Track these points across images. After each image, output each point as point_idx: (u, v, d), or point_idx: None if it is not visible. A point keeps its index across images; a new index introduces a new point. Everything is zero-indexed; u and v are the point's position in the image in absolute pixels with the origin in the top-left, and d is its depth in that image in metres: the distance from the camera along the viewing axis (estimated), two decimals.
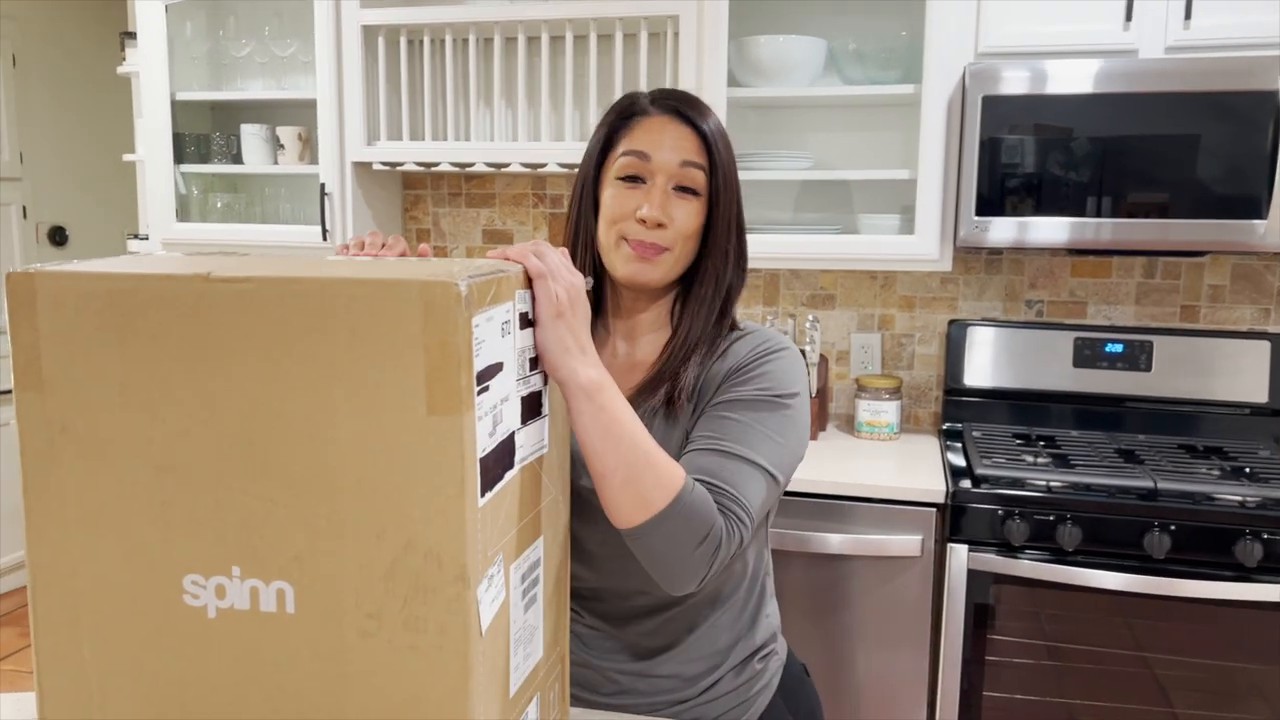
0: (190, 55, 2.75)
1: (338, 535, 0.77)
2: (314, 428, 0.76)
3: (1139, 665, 1.96)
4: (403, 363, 0.74)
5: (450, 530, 0.76)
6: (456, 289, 0.74)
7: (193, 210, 2.80)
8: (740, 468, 1.02)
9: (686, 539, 0.94)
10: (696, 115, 1.13)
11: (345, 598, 0.78)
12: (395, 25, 2.53)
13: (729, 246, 1.15)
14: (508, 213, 2.84)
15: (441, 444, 0.75)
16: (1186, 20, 2.08)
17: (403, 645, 0.78)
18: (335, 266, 0.80)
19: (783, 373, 1.10)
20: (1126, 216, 2.07)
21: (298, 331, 0.75)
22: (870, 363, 2.64)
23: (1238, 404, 2.34)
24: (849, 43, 2.36)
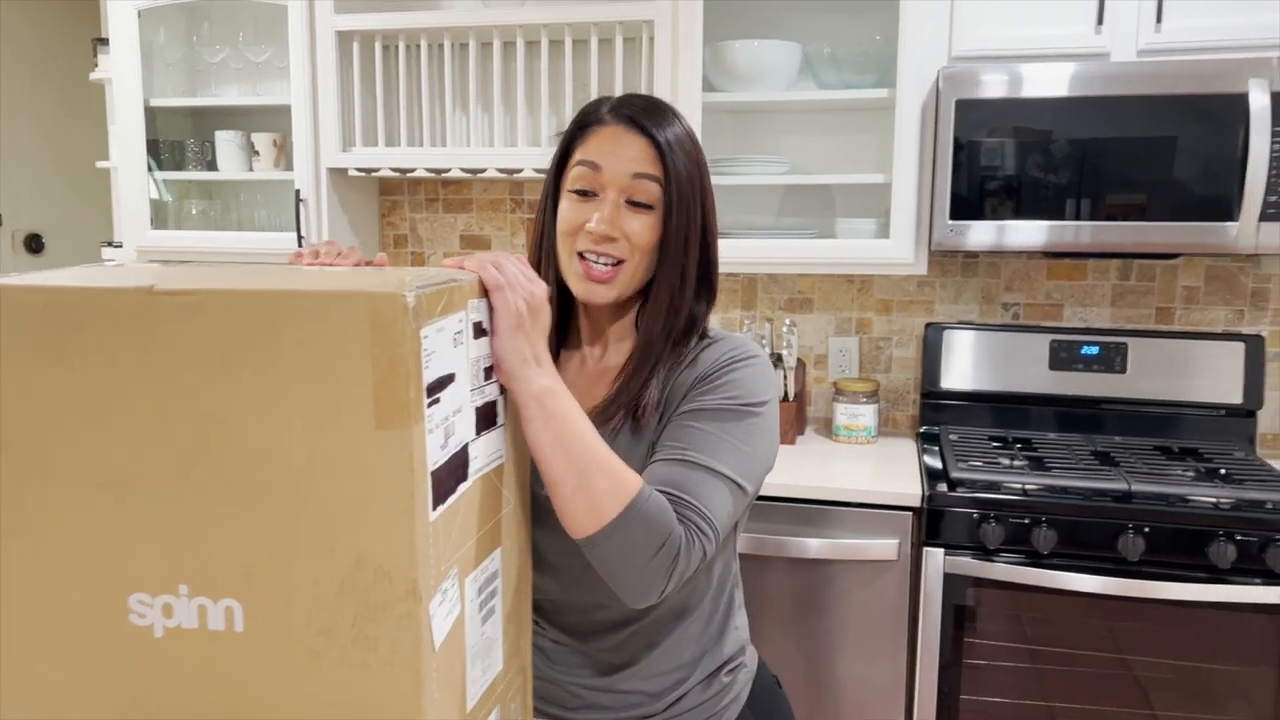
0: (164, 61, 2.73)
1: (289, 552, 0.76)
2: (265, 442, 0.75)
3: (1118, 667, 1.96)
4: (351, 376, 0.73)
5: (400, 546, 0.75)
6: (404, 300, 0.73)
7: (168, 217, 2.78)
8: (704, 478, 1.00)
9: (642, 548, 0.93)
10: (653, 124, 1.09)
11: (296, 616, 0.77)
12: (370, 31, 2.52)
13: (685, 260, 1.11)
14: (485, 218, 2.83)
15: (390, 458, 0.74)
16: (1157, 24, 2.09)
17: (354, 663, 0.77)
18: (284, 278, 0.79)
19: (750, 380, 1.09)
20: (1100, 219, 2.08)
21: (246, 344, 0.74)
22: (848, 366, 2.64)
23: (1213, 405, 2.34)
24: (824, 47, 2.36)
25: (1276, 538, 1.85)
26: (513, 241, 2.81)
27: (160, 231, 2.71)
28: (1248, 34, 2.05)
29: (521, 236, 2.80)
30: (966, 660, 2.03)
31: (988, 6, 2.16)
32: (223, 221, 2.85)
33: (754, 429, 1.06)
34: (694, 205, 1.11)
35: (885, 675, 2.11)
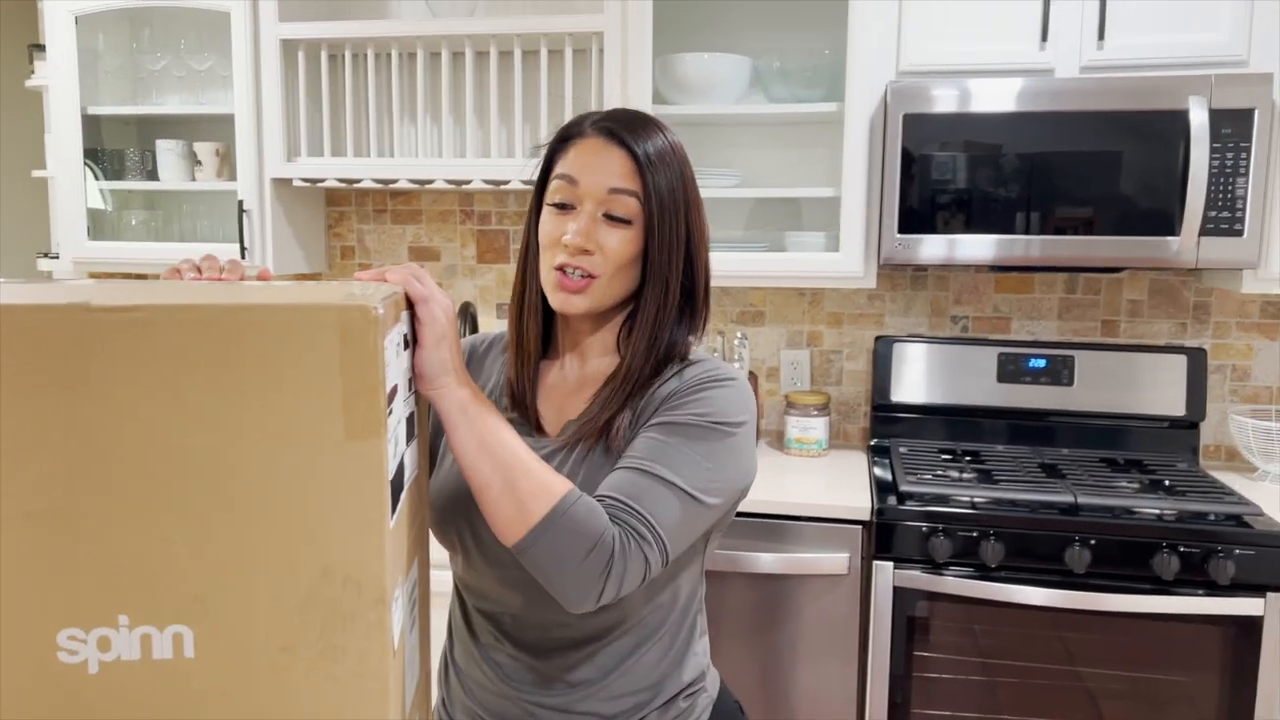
0: (103, 68, 2.67)
1: (246, 569, 0.75)
2: (218, 460, 0.74)
3: (1068, 678, 1.97)
4: (318, 388, 0.73)
5: (370, 554, 0.76)
6: (374, 312, 0.74)
7: (106, 228, 2.71)
8: (652, 485, 0.99)
9: (572, 549, 0.92)
10: (633, 137, 1.08)
11: (255, 634, 0.76)
12: (315, 40, 2.49)
13: (669, 275, 1.10)
14: (435, 229, 2.79)
15: (361, 468, 0.75)
16: (1100, 41, 2.12)
17: (320, 676, 0.76)
18: (237, 293, 0.77)
19: (723, 400, 1.07)
20: (1047, 233, 2.10)
21: (198, 361, 0.72)
22: (800, 379, 2.64)
23: (1157, 417, 2.38)
24: (774, 61, 2.36)
25: (1218, 549, 1.87)
26: (463, 253, 2.78)
27: (98, 243, 2.64)
28: (1188, 52, 2.09)
29: (472, 248, 2.77)
30: (917, 673, 2.03)
31: (935, 22, 2.18)
32: (164, 233, 2.78)
33: (721, 447, 1.05)
34: (675, 220, 1.09)
35: (837, 689, 2.10)
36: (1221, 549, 1.87)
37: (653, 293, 1.10)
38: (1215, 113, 2.01)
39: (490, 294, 2.78)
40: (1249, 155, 2.01)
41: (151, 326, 0.72)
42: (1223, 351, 2.44)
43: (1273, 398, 2.43)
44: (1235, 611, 1.88)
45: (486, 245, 2.77)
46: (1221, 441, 2.47)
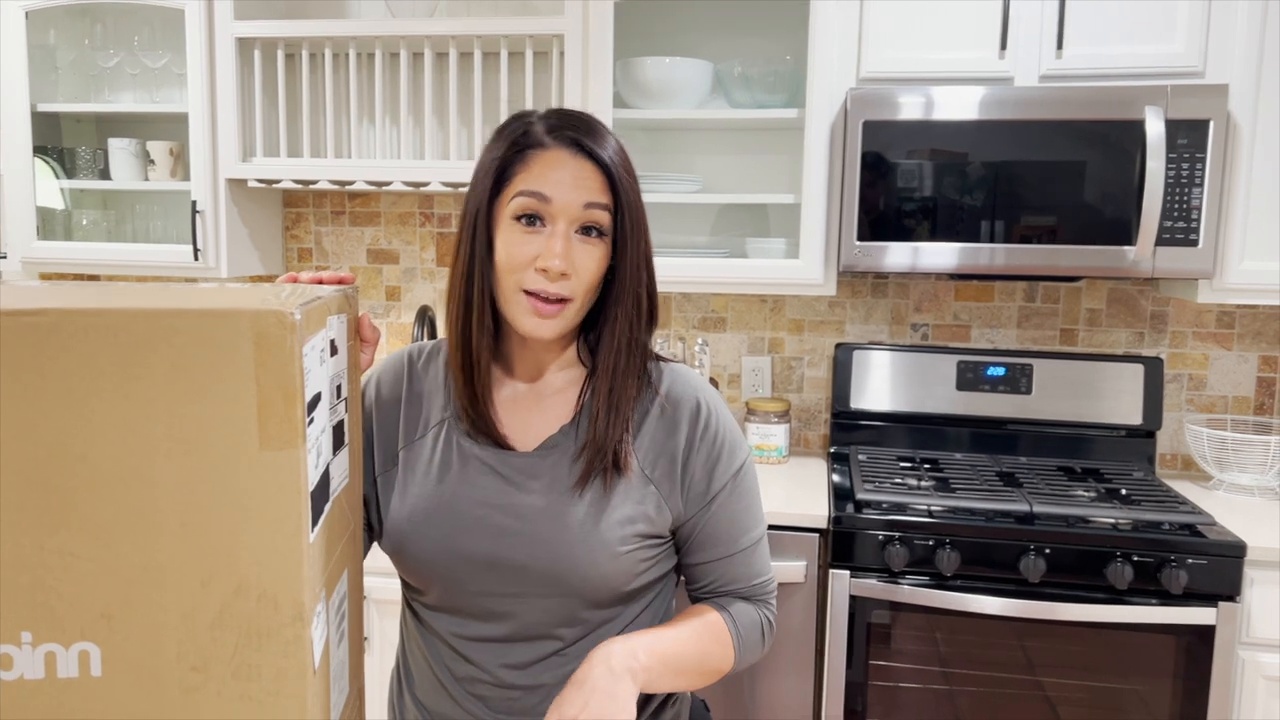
0: (54, 65, 2.61)
1: (156, 585, 0.72)
2: (127, 470, 0.71)
3: (1025, 686, 1.97)
4: (232, 396, 0.71)
5: (287, 569, 0.73)
6: (291, 318, 0.71)
7: (58, 228, 2.66)
8: (752, 555, 1.15)
9: (755, 655, 1.16)
10: (598, 146, 1.03)
11: (165, 652, 0.73)
12: (272, 38, 2.45)
13: (640, 289, 1.08)
14: (394, 232, 2.76)
15: (277, 480, 0.72)
16: (1059, 50, 2.12)
17: (233, 695, 0.74)
18: (148, 296, 0.75)
19: (730, 424, 1.14)
20: (1004, 242, 2.10)
21: (106, 367, 0.70)
22: (761, 385, 2.63)
23: (1114, 426, 2.38)
24: (735, 66, 2.35)
25: (1170, 559, 1.88)
26: (422, 256, 2.75)
27: (48, 243, 2.59)
28: (1145, 62, 2.10)
29: (431, 251, 2.74)
30: (874, 682, 2.02)
31: (896, 29, 2.18)
32: (117, 233, 2.73)
33: (754, 480, 1.16)
34: (642, 230, 1.07)
35: (794, 697, 2.09)
36: (1174, 559, 1.88)
37: (624, 308, 1.07)
38: (1172, 123, 2.02)
39: None
40: (1204, 166, 2.02)
41: (55, 332, 0.69)
42: (1179, 361, 2.46)
43: (1228, 407, 2.45)
44: (1188, 620, 1.88)
45: (446, 248, 2.73)
46: (1178, 450, 2.48)
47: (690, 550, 1.13)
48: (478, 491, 1.07)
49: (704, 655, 1.08)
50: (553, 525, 1.04)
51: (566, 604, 1.05)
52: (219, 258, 2.51)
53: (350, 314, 0.93)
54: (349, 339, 0.92)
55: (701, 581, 1.15)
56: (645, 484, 1.08)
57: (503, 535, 1.05)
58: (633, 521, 1.05)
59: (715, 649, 1.09)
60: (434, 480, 1.09)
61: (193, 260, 2.50)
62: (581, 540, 1.03)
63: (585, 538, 1.03)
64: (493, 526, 1.05)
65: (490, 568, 1.05)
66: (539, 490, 1.06)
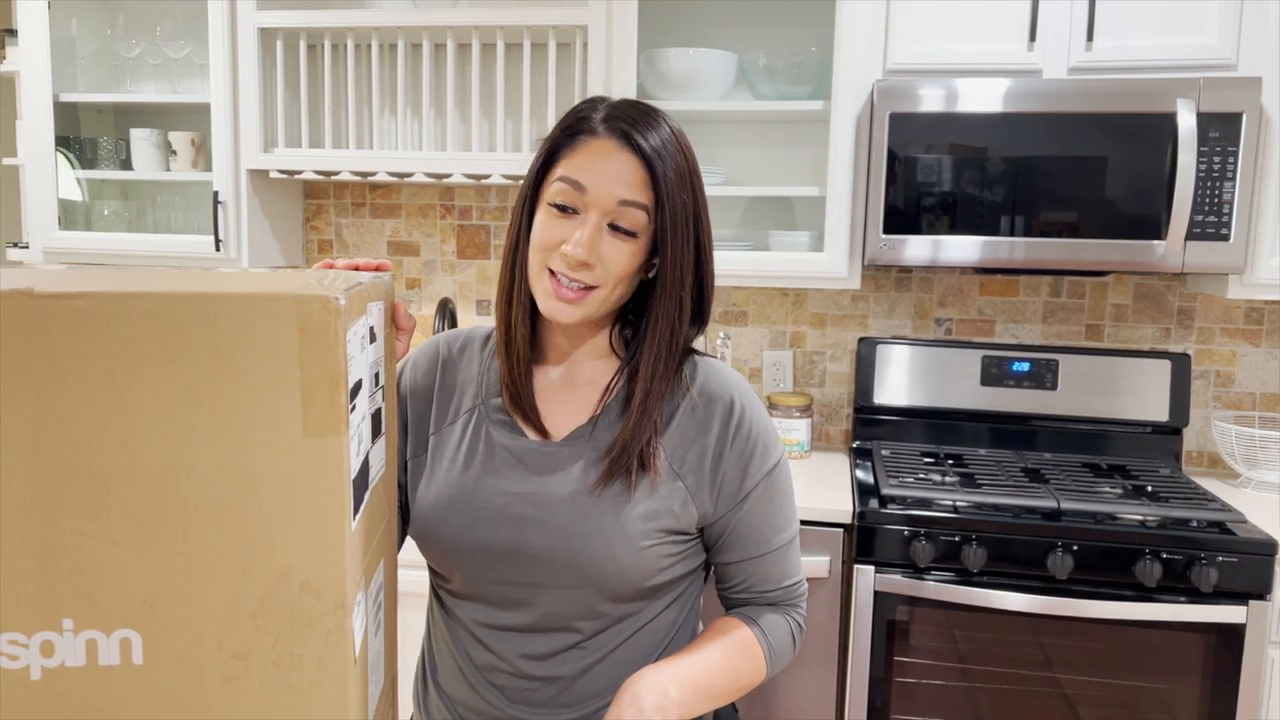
0: (76, 55, 2.61)
1: (198, 573, 0.71)
2: (168, 457, 0.70)
3: (1049, 684, 1.95)
4: (276, 382, 0.70)
5: (330, 558, 0.72)
6: (336, 303, 0.70)
7: (79, 218, 2.66)
8: (785, 556, 1.13)
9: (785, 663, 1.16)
10: (649, 143, 1.00)
11: (206, 640, 0.72)
12: (294, 29, 2.44)
13: (683, 293, 1.04)
14: (414, 224, 2.75)
15: (320, 467, 0.71)
16: (1089, 42, 2.10)
17: (274, 684, 0.73)
18: (190, 280, 0.74)
19: (766, 423, 1.12)
20: (1031, 236, 2.08)
21: (147, 351, 0.69)
22: (782, 380, 2.61)
23: (1140, 422, 2.36)
24: (759, 57, 2.33)
25: (1200, 556, 1.86)
26: (443, 248, 2.74)
27: (69, 233, 2.59)
28: (1176, 55, 2.07)
29: (452, 243, 2.73)
30: (898, 678, 2.00)
31: (923, 21, 2.16)
32: (138, 223, 2.73)
33: (788, 481, 1.14)
34: (688, 232, 1.04)
35: (817, 692, 2.07)
36: (1204, 556, 1.86)
37: (665, 312, 1.05)
38: (1203, 116, 2.00)
39: (470, 290, 2.74)
40: (1236, 159, 2.00)
41: (98, 315, 0.68)
42: (1207, 357, 2.43)
43: (1256, 404, 2.42)
44: (1217, 619, 1.86)
45: (467, 240, 2.73)
46: (1204, 448, 2.46)
47: (721, 549, 1.12)
48: (501, 480, 1.07)
49: (735, 674, 1.07)
50: (573, 516, 1.04)
51: (585, 596, 1.04)
52: (240, 248, 2.51)
53: (387, 301, 0.92)
54: (386, 326, 0.91)
55: (731, 581, 1.14)
56: (672, 479, 1.06)
57: (524, 524, 1.05)
58: (656, 516, 1.04)
59: (747, 666, 1.08)
60: (460, 468, 1.09)
61: (214, 251, 2.49)
62: (601, 532, 1.02)
63: (605, 530, 1.02)
64: (514, 515, 1.05)
65: (510, 556, 1.05)
66: (562, 481, 1.06)
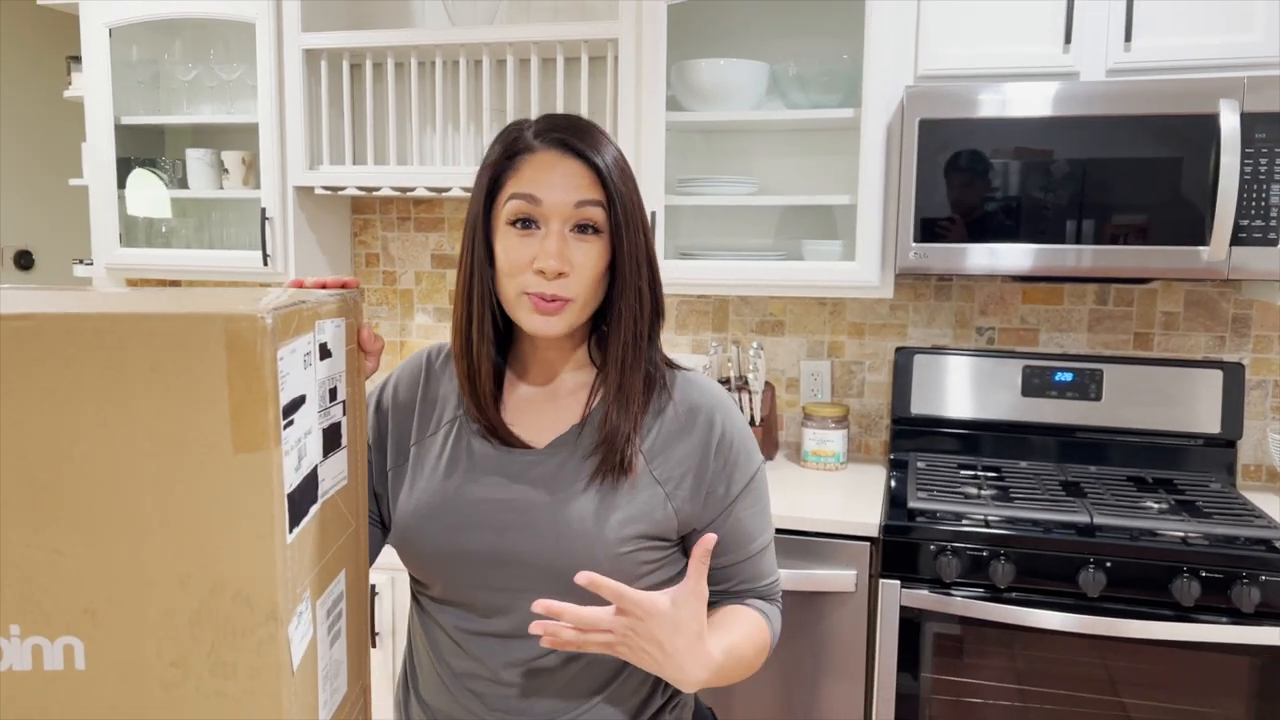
0: (136, 79, 2.73)
1: (138, 582, 0.74)
2: (111, 470, 0.73)
3: (1079, 704, 1.89)
4: (206, 399, 0.72)
5: (260, 570, 0.75)
6: (262, 322, 0.72)
7: (140, 235, 2.77)
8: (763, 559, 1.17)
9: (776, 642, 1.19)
10: (587, 146, 1.04)
11: (145, 648, 0.75)
12: (338, 49, 2.51)
13: (641, 283, 1.07)
14: (456, 237, 2.80)
15: (249, 482, 0.74)
16: (1127, 43, 2.04)
17: (210, 692, 0.76)
18: (132, 300, 0.77)
19: (745, 432, 1.14)
20: (1068, 243, 2.02)
21: (89, 369, 0.72)
22: (820, 390, 2.59)
23: (1190, 434, 2.27)
24: (790, 66, 2.32)
25: (1241, 575, 1.78)
26: None
27: (130, 250, 2.70)
28: (1218, 54, 2.00)
29: None
30: (925, 695, 1.96)
31: (954, 25, 2.12)
32: (194, 240, 2.84)
33: (765, 481, 1.17)
34: (638, 225, 1.07)
35: (843, 709, 2.04)
36: (1245, 575, 1.78)
37: (626, 303, 1.07)
38: (1247, 116, 1.92)
39: None
40: None
41: (42, 335, 0.71)
42: (1263, 367, 2.33)
43: None
44: (1261, 640, 1.78)
45: None
46: (1263, 461, 2.35)
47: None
48: (482, 488, 1.09)
49: (754, 660, 1.10)
50: (553, 520, 1.05)
51: (565, 600, 1.05)
52: (287, 263, 2.59)
53: (351, 319, 0.95)
54: (348, 343, 0.93)
55: (718, 584, 1.15)
56: (652, 486, 1.08)
57: (505, 530, 1.06)
58: (635, 521, 1.05)
59: (757, 655, 1.12)
60: (441, 476, 1.11)
61: (262, 265, 2.58)
62: (581, 536, 1.04)
63: (585, 534, 1.04)
64: (495, 521, 1.07)
65: (491, 561, 1.06)
66: (544, 487, 1.07)
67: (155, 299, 0.78)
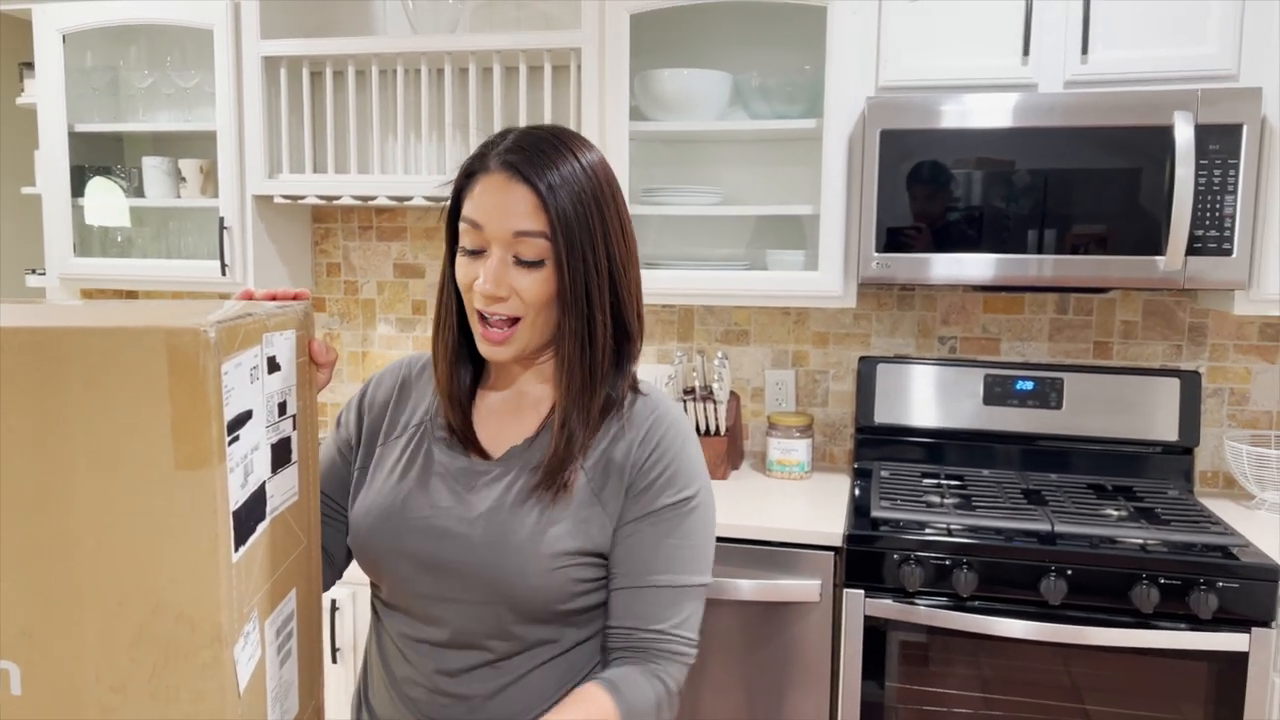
0: (91, 86, 2.68)
1: (74, 604, 0.72)
2: (45, 490, 0.71)
3: (1043, 711, 1.90)
4: (146, 415, 0.70)
5: (203, 590, 0.72)
6: (205, 335, 0.70)
7: (94, 244, 2.72)
8: (672, 600, 1.06)
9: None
10: (535, 170, 1.01)
11: (84, 672, 0.73)
12: (297, 56, 2.48)
13: (594, 311, 1.04)
14: (419, 246, 2.78)
15: (191, 500, 0.71)
16: (1084, 55, 2.06)
17: (152, 717, 0.73)
18: (72, 314, 0.75)
19: (687, 461, 1.09)
20: (1026, 253, 2.04)
21: (22, 386, 0.70)
22: (785, 400, 2.59)
23: (1149, 442, 2.30)
24: (753, 77, 2.32)
25: (1200, 582, 1.80)
26: None
27: (85, 259, 2.65)
28: (1173, 66, 2.02)
29: None
30: (889, 704, 1.96)
31: (914, 37, 2.13)
32: (151, 249, 2.79)
33: (701, 522, 1.09)
34: (591, 250, 1.03)
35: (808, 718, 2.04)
36: (1203, 581, 1.80)
37: (570, 329, 1.04)
38: (1202, 128, 1.95)
39: None
40: (1237, 172, 1.94)
41: None
42: (1220, 375, 2.36)
43: (1272, 423, 2.35)
44: (1218, 647, 1.80)
45: None
46: (1219, 468, 2.38)
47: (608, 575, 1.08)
48: (430, 495, 1.09)
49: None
50: (488, 532, 1.05)
51: (497, 614, 1.04)
52: (246, 273, 2.55)
53: (303, 331, 0.93)
54: (299, 355, 0.91)
55: (609, 615, 1.08)
56: (592, 503, 1.06)
57: (443, 538, 1.06)
58: (571, 538, 1.04)
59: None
60: (395, 480, 1.12)
61: (220, 275, 2.54)
62: (515, 549, 1.03)
63: (519, 547, 1.03)
64: (434, 529, 1.07)
65: (427, 569, 1.07)
66: (489, 498, 1.07)
67: (99, 312, 0.76)
